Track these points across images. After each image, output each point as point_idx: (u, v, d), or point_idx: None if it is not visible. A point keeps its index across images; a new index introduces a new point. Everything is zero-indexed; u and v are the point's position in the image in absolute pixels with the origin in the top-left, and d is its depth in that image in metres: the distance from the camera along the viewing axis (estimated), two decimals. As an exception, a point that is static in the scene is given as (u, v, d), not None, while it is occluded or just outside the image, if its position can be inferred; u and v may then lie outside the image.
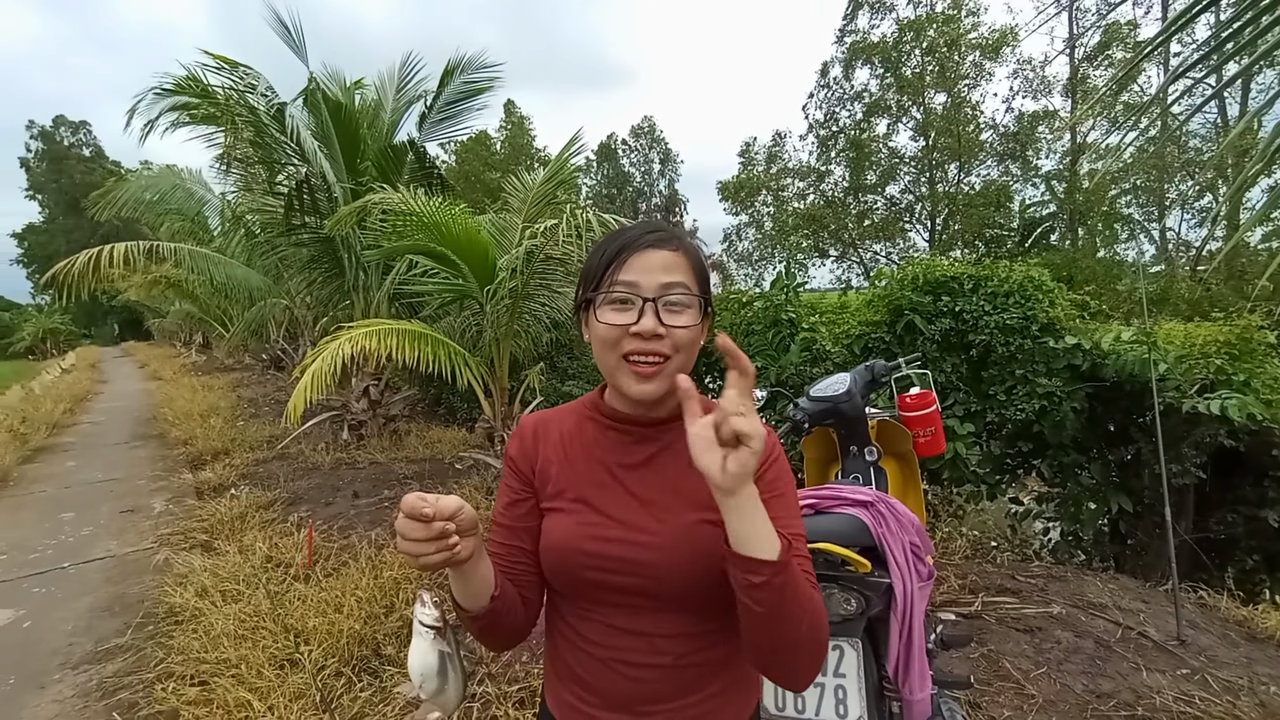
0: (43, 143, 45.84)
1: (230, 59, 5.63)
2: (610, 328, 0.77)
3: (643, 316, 0.75)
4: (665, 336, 0.75)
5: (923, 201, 20.60)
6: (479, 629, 0.77)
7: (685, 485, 0.80)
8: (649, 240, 0.78)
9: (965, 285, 3.51)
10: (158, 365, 18.52)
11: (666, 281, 0.76)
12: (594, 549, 0.78)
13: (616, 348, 0.77)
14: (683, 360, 0.78)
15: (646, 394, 0.77)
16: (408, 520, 0.65)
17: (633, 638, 0.78)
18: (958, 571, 2.89)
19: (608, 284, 0.77)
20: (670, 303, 0.76)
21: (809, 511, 1.30)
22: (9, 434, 7.98)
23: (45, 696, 2.43)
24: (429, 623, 0.68)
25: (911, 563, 1.26)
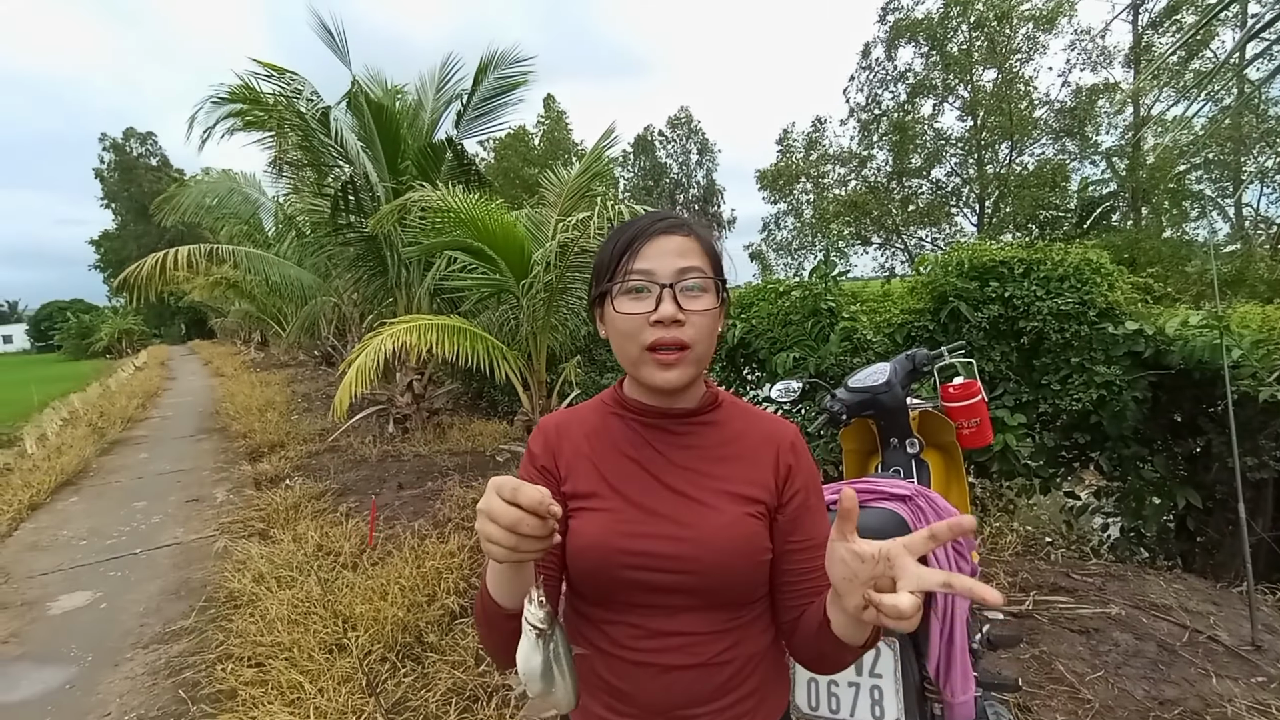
0: (114, 154, 48.74)
1: (277, 66, 5.85)
2: (630, 317, 0.76)
3: (661, 303, 0.74)
4: (685, 323, 0.74)
5: (971, 184, 19.78)
6: (512, 631, 0.69)
7: (721, 477, 0.79)
8: (660, 227, 0.77)
9: (1015, 270, 3.35)
10: (220, 362, 19.51)
11: (683, 266, 0.75)
12: (634, 546, 0.76)
13: (637, 338, 0.76)
14: (705, 346, 0.77)
15: (670, 382, 0.76)
16: (526, 516, 0.57)
17: (666, 639, 0.77)
18: (1008, 568, 2.78)
19: (623, 274, 0.76)
20: (688, 287, 0.75)
21: (843, 506, 1.26)
22: (89, 428, 8.57)
23: (118, 674, 2.60)
24: (534, 623, 0.64)
25: (953, 560, 1.21)
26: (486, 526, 0.58)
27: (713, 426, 0.83)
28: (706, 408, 0.84)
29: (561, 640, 0.65)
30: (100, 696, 2.44)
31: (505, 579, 0.67)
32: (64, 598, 3.41)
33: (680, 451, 0.81)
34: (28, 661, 2.76)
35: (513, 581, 0.67)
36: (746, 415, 0.86)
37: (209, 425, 8.99)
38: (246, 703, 2.19)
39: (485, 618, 0.72)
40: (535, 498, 0.57)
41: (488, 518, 0.58)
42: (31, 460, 6.74)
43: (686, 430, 0.82)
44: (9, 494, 5.32)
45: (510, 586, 0.68)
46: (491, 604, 0.70)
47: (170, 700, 2.36)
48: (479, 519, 0.59)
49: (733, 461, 0.81)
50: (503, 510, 0.57)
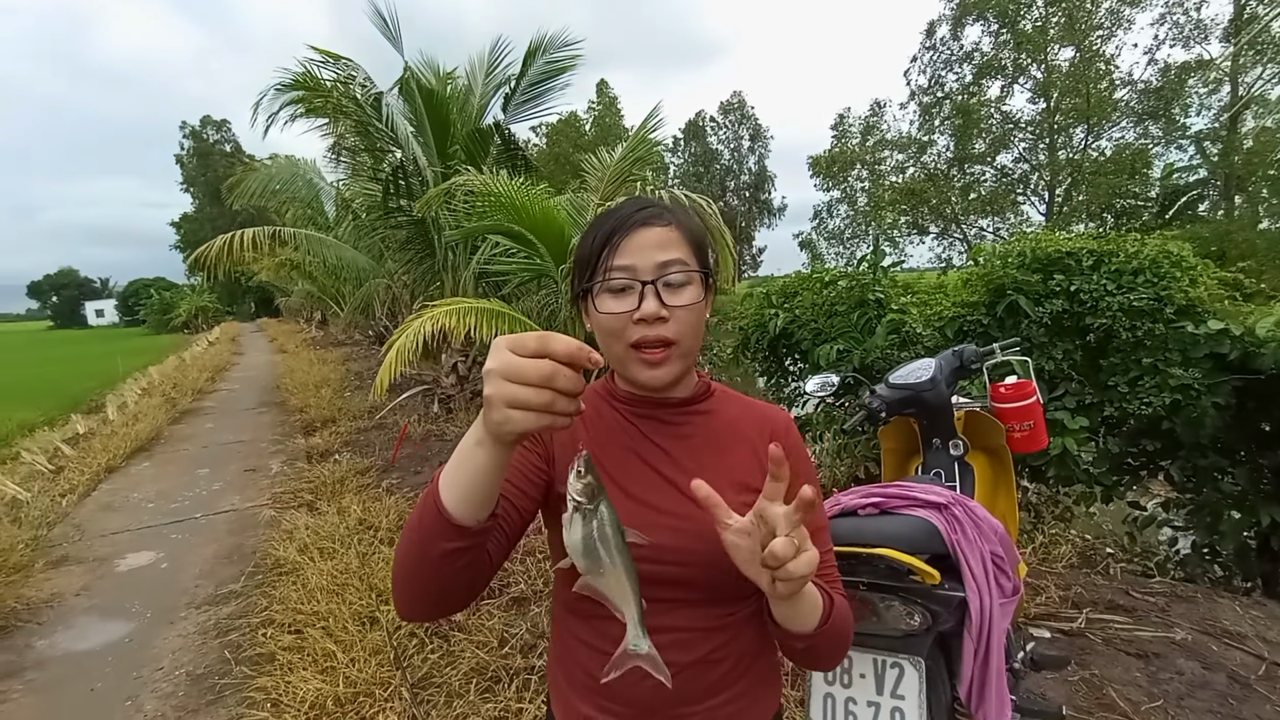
0: (192, 140, 51.71)
1: (333, 53, 5.99)
2: (613, 316, 0.74)
3: (644, 300, 0.72)
4: (669, 319, 0.73)
5: (1040, 171, 18.65)
6: (445, 555, 0.59)
7: (719, 466, 0.78)
8: (640, 218, 0.75)
9: (1084, 262, 3.10)
10: (283, 340, 20.51)
11: (663, 260, 0.73)
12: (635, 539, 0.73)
13: (622, 337, 0.74)
14: (690, 341, 0.76)
15: (658, 380, 0.75)
16: (561, 368, 0.50)
17: (659, 635, 0.71)
18: (1060, 581, 2.60)
19: (603, 271, 0.74)
20: (670, 282, 0.73)
21: (872, 511, 1.18)
22: (163, 399, 9.16)
23: (173, 631, 2.76)
24: (574, 494, 0.57)
25: (992, 575, 1.11)
26: (506, 389, 0.50)
27: (707, 416, 0.83)
28: (700, 396, 0.83)
29: (610, 519, 0.58)
30: (155, 651, 2.60)
31: (484, 472, 0.57)
32: (130, 556, 3.65)
33: (676, 442, 0.79)
34: (95, 614, 2.96)
35: (489, 477, 0.57)
36: (740, 403, 0.86)
37: (270, 399, 9.46)
38: (283, 667, 2.28)
39: (420, 533, 0.59)
40: (572, 344, 0.50)
41: (506, 378, 0.50)
42: (111, 426, 7.25)
43: (681, 420, 0.81)
44: (89, 458, 5.74)
45: (481, 484, 0.57)
46: (437, 515, 0.58)
47: (216, 660, 2.48)
48: (490, 383, 0.51)
49: (728, 450, 0.80)
50: (532, 366, 0.49)
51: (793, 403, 4.85)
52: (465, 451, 0.57)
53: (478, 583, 0.66)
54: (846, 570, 1.11)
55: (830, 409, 4.02)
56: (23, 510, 4.36)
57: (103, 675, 2.45)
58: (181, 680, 2.38)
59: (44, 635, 2.79)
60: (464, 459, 0.58)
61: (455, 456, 0.59)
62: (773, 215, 49.02)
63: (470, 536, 0.59)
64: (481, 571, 0.66)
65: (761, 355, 4.75)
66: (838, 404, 3.89)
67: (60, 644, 2.71)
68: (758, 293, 4.90)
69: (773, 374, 4.87)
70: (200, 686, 2.32)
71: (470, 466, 0.57)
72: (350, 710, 2.05)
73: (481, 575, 0.66)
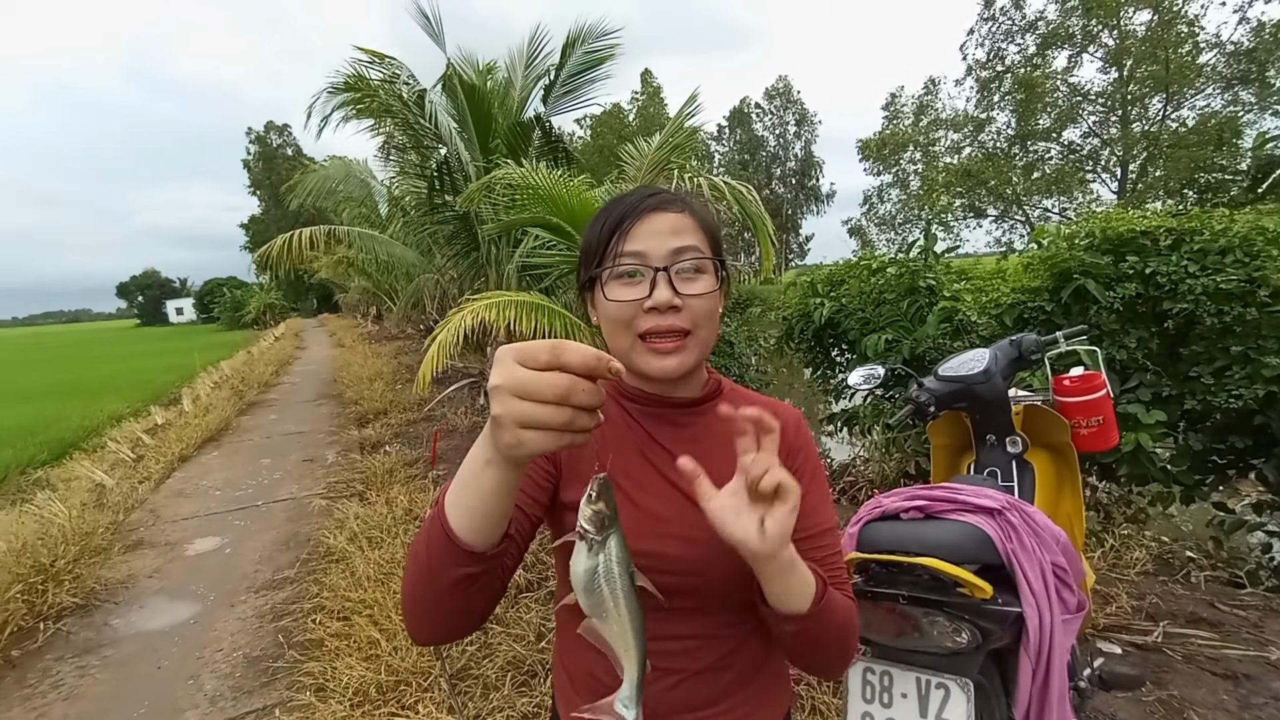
0: (258, 145, 54.38)
1: (378, 52, 6.13)
2: (621, 305, 0.70)
3: (655, 288, 0.68)
4: (682, 308, 0.69)
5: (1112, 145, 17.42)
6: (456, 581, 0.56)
7: (730, 470, 0.72)
8: (652, 204, 0.71)
9: (1161, 241, 2.85)
10: (341, 334, 21.41)
11: (677, 247, 0.69)
12: (640, 546, 0.68)
13: (630, 327, 0.70)
14: (706, 331, 0.72)
15: (668, 370, 0.71)
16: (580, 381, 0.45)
17: (666, 642, 0.71)
18: (1133, 589, 2.40)
19: (612, 257, 0.70)
20: (683, 269, 0.69)
21: (915, 515, 1.09)
22: (232, 391, 9.69)
23: (232, 614, 2.89)
24: (582, 521, 0.51)
25: (1053, 589, 1.01)
26: (517, 407, 0.45)
27: (717, 415, 0.75)
28: (710, 395, 0.80)
29: (618, 556, 0.51)
30: (216, 633, 2.73)
31: (493, 494, 0.52)
32: (199, 541, 3.86)
33: (684, 444, 0.74)
34: (165, 596, 3.14)
35: (499, 498, 0.53)
36: (749, 401, 0.81)
37: (327, 391, 9.87)
38: (330, 653, 2.36)
39: (427, 557, 0.56)
40: (589, 354, 0.45)
41: (517, 395, 0.45)
42: (185, 418, 7.72)
43: (690, 421, 0.77)
44: (165, 447, 6.11)
45: (491, 505, 0.53)
46: (445, 536, 0.54)
47: (270, 644, 2.59)
48: (498, 401, 0.46)
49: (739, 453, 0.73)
50: (546, 381, 0.44)
51: (840, 394, 4.69)
52: (473, 471, 0.53)
53: (494, 601, 0.63)
54: (886, 581, 1.03)
55: (878, 401, 3.86)
56: (106, 495, 4.68)
57: (169, 654, 2.59)
58: (239, 661, 2.49)
59: (120, 614, 2.97)
60: (472, 480, 0.53)
61: (461, 476, 0.55)
62: (821, 202, 47.80)
63: (484, 561, 0.56)
64: (496, 589, 0.63)
65: (806, 345, 4.61)
66: (886, 396, 3.73)
67: (134, 623, 2.89)
68: (802, 281, 4.76)
69: (818, 365, 4.72)
70: (255, 669, 2.42)
71: (480, 488, 0.53)
72: (391, 698, 2.09)
73: (497, 593, 0.63)
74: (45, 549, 3.33)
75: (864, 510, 1.17)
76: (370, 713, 2.02)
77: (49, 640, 2.72)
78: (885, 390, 3.78)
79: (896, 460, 3.91)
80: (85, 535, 3.61)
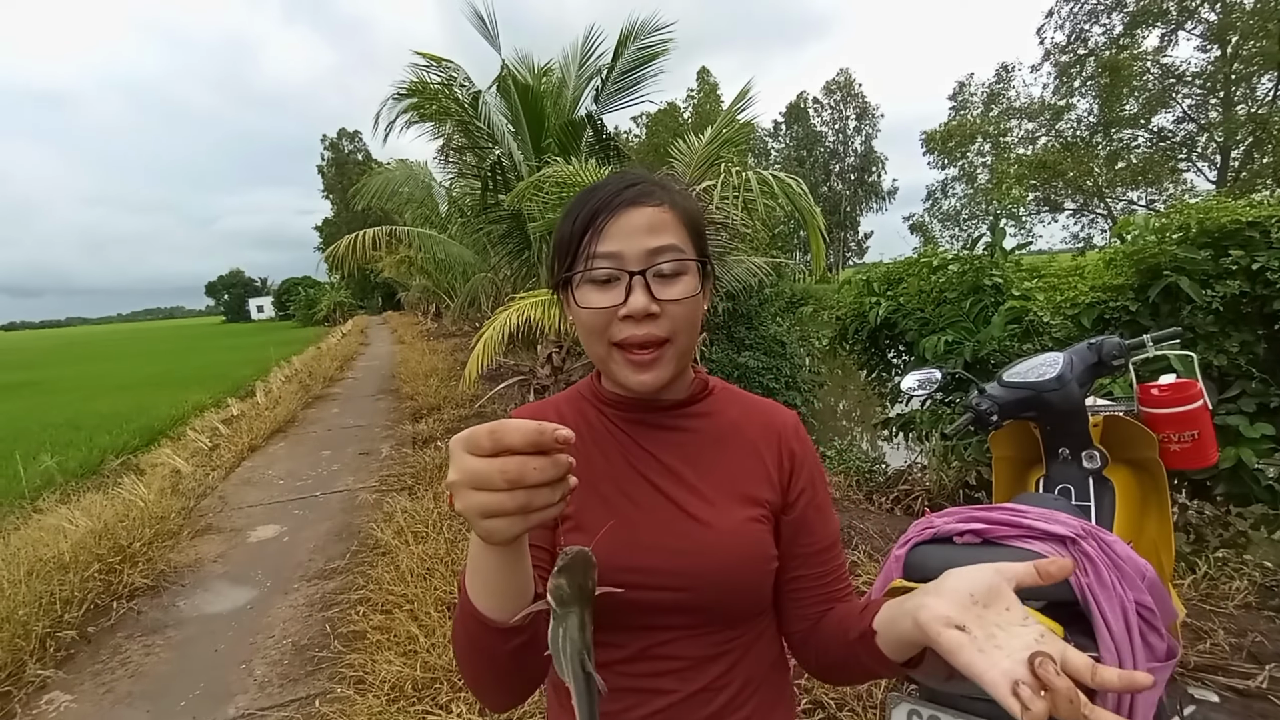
0: (331, 151, 57.33)
1: (436, 56, 6.29)
2: (595, 312, 0.65)
3: (631, 294, 0.63)
4: (660, 315, 0.64)
5: (1211, 131, 15.95)
6: (511, 654, 0.55)
7: (718, 476, 0.70)
8: (628, 197, 0.66)
9: (1272, 233, 2.54)
10: (402, 331, 22.26)
11: (654, 247, 0.64)
12: (626, 561, 0.65)
13: (605, 334, 0.66)
14: (684, 341, 0.67)
15: (647, 385, 0.66)
16: (530, 459, 0.43)
17: (657, 662, 0.68)
18: (1231, 625, 2.13)
19: (585, 259, 0.65)
20: (661, 272, 0.64)
21: (972, 539, 0.97)
22: (299, 386, 10.21)
23: (285, 601, 3.00)
24: (548, 589, 0.50)
25: (1138, 631, 0.87)
26: (475, 498, 0.43)
27: (705, 418, 0.74)
28: (697, 396, 0.75)
29: (573, 637, 0.49)
30: (269, 619, 2.84)
31: (500, 571, 0.51)
32: (260, 528, 4.05)
33: (670, 449, 0.71)
34: (227, 580, 3.30)
35: (509, 574, 0.51)
36: (742, 402, 0.77)
37: (386, 387, 10.25)
38: (371, 646, 2.40)
39: (470, 641, 0.56)
40: (529, 430, 0.43)
41: (471, 486, 0.43)
42: (257, 410, 8.18)
43: (675, 424, 0.73)
44: (237, 438, 6.48)
45: (506, 582, 0.51)
46: (478, 621, 0.53)
47: (317, 633, 2.66)
48: (458, 496, 0.44)
49: (730, 456, 0.72)
50: (495, 469, 0.42)
51: (896, 399, 4.46)
52: (476, 558, 0.52)
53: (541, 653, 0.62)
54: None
55: (937, 406, 3.63)
56: (181, 482, 5.00)
57: (226, 638, 2.71)
58: (288, 649, 2.57)
59: (186, 596, 3.14)
60: (480, 565, 0.52)
61: (471, 563, 0.53)
62: (882, 199, 46.21)
63: (526, 630, 0.54)
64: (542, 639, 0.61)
65: (861, 347, 4.40)
66: (945, 400, 3.50)
67: (198, 605, 3.04)
68: (857, 280, 4.55)
69: (874, 367, 4.50)
70: (302, 657, 2.50)
71: (488, 571, 0.52)
72: (426, 695, 2.10)
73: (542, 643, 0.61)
74: (125, 531, 3.57)
75: (913, 531, 1.06)
76: (405, 709, 2.03)
77: (121, 619, 2.90)
78: (945, 395, 3.55)
79: (955, 469, 3.67)
80: (160, 520, 3.85)
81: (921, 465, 4.08)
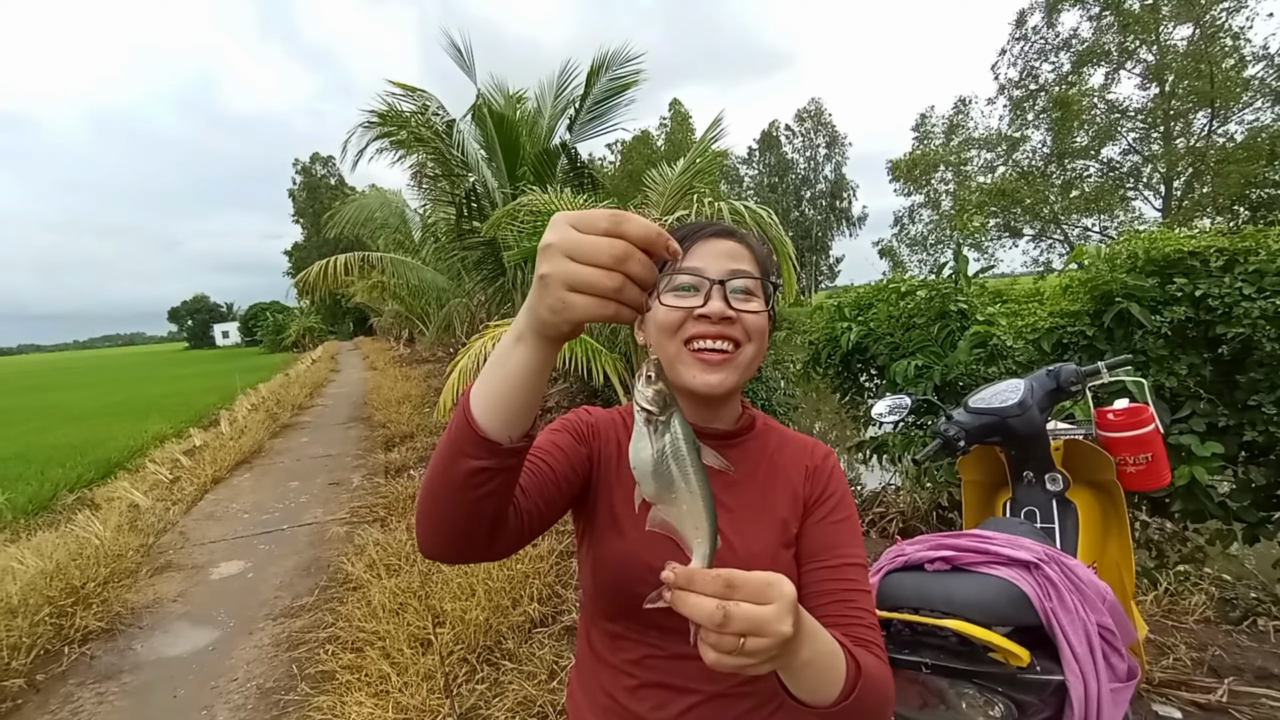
0: (302, 176, 56.74)
1: (409, 85, 6.35)
2: (672, 310, 0.71)
3: (710, 299, 0.70)
4: (736, 320, 0.70)
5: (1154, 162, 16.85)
6: (480, 476, 0.53)
7: (763, 505, 0.74)
8: (712, 230, 0.76)
9: (1213, 262, 2.68)
10: (375, 357, 21.87)
11: (734, 268, 0.72)
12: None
13: (679, 333, 0.72)
14: (754, 351, 0.73)
15: (712, 386, 0.71)
16: (636, 252, 0.44)
17: (686, 663, 0.71)
18: (1192, 639, 2.20)
19: (670, 271, 0.72)
20: (737, 289, 0.72)
21: (943, 567, 1.00)
22: (266, 414, 9.92)
23: (250, 641, 2.88)
24: (642, 403, 0.50)
25: (1100, 653, 0.91)
26: (568, 268, 0.44)
27: (747, 451, 0.79)
28: (744, 430, 0.80)
29: (684, 434, 0.50)
30: (232, 661, 2.72)
31: (524, 373, 0.50)
32: (223, 565, 3.90)
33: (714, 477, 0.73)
34: (187, 621, 3.16)
35: (532, 381, 0.51)
36: (780, 435, 0.83)
37: (358, 414, 10.03)
38: (341, 687, 2.32)
39: (447, 450, 0.53)
40: (649, 226, 0.45)
41: (570, 256, 0.44)
42: (221, 440, 7.92)
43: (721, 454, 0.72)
44: (200, 470, 6.26)
45: (525, 391, 0.51)
46: (466, 427, 0.52)
47: (284, 675, 2.56)
48: (547, 260, 0.45)
49: (767, 489, 0.76)
50: (604, 245, 0.44)
51: (869, 422, 4.54)
52: (502, 351, 0.52)
53: (502, 523, 0.60)
54: (908, 643, 0.94)
55: (908, 430, 3.71)
56: (140, 517, 4.79)
57: (186, 682, 2.58)
58: (252, 693, 2.46)
59: (143, 639, 2.99)
60: (499, 360, 0.52)
61: (492, 356, 0.53)
62: (852, 225, 47.51)
63: (500, 455, 0.53)
64: (506, 509, 0.59)
65: (834, 371, 4.49)
66: (915, 424, 3.58)
67: (155, 649, 2.90)
68: (828, 305, 4.65)
69: (846, 390, 4.58)
70: (267, 700, 2.39)
71: (506, 369, 0.51)
72: (399, 737, 2.03)
73: (506, 515, 0.60)
74: (78, 571, 3.40)
75: (885, 558, 1.08)
76: (376, 752, 1.96)
77: (73, 664, 2.75)
78: (916, 418, 3.64)
79: (929, 491, 3.74)
80: (115, 558, 3.68)
81: (896, 487, 4.14)
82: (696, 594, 0.45)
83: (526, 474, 0.68)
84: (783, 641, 0.45)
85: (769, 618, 0.44)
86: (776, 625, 0.44)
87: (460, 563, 0.66)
